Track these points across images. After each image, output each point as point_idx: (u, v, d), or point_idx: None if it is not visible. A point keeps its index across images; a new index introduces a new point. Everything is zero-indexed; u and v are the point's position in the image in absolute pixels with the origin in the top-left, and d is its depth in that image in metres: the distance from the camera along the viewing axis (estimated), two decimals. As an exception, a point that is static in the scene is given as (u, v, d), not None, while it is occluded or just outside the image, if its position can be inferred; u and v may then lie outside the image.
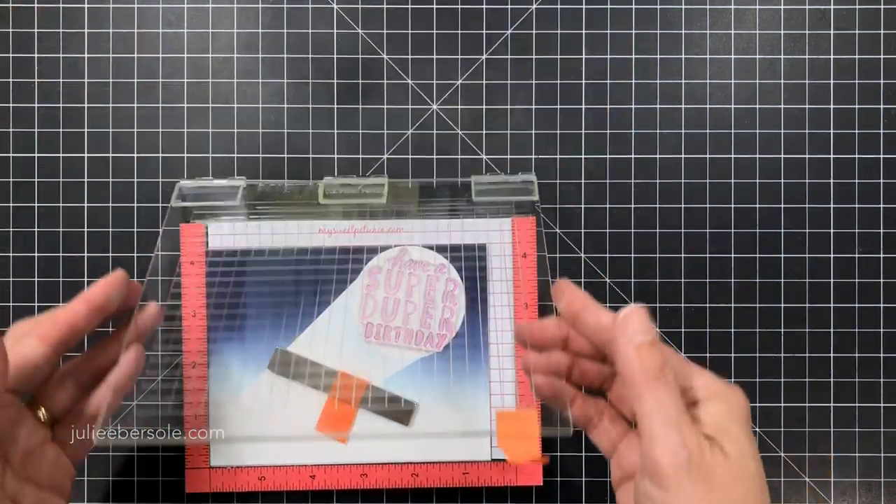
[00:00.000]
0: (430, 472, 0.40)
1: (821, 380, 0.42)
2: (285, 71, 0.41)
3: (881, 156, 0.42)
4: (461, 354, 0.40)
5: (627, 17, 0.42)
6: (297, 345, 0.40)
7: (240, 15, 0.41)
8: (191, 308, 0.40)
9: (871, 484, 0.41)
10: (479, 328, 0.40)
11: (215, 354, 0.40)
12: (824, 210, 0.42)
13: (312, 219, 0.41)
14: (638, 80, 0.42)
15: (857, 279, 0.42)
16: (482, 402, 0.40)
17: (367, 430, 0.40)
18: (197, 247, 0.40)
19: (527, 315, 0.40)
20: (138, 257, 0.41)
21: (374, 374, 0.40)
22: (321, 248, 0.40)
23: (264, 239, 0.40)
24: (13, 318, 0.41)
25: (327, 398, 0.40)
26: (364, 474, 0.40)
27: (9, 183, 0.41)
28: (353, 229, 0.41)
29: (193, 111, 0.41)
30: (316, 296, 0.40)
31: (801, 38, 0.42)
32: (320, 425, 0.40)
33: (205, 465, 0.40)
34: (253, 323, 0.40)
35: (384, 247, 0.41)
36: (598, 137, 0.42)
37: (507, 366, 0.40)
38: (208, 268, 0.40)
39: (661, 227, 0.42)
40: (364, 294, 0.40)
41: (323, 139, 0.41)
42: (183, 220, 0.40)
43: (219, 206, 0.40)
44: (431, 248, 0.41)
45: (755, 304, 0.42)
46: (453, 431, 0.40)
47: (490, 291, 0.40)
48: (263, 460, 0.40)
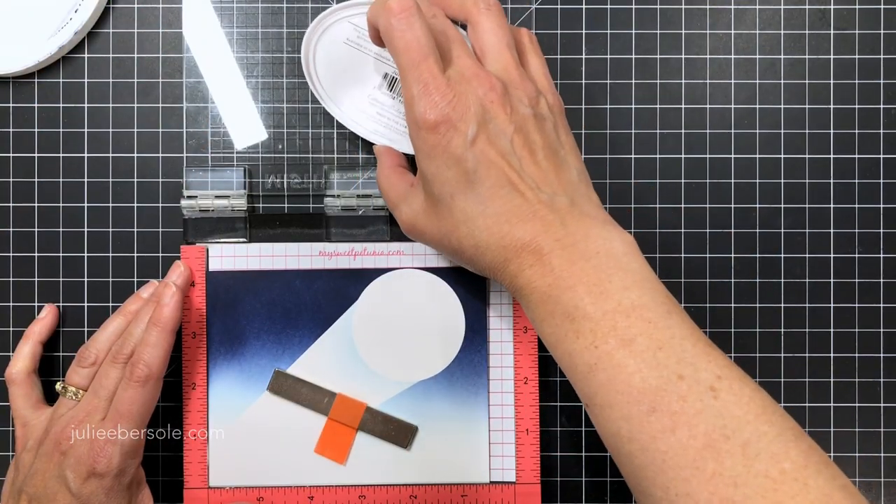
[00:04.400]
0: (428, 494, 0.40)
1: (821, 380, 0.42)
2: (284, 70, 0.41)
3: (881, 156, 0.42)
4: (461, 378, 0.40)
5: (627, 17, 0.42)
6: (296, 367, 0.40)
7: (239, 14, 0.41)
8: (190, 329, 0.40)
9: (871, 484, 0.42)
10: (478, 352, 0.40)
11: (215, 376, 0.40)
12: (824, 210, 0.42)
13: (314, 236, 0.41)
14: (638, 80, 0.42)
15: (857, 279, 0.42)
16: (481, 425, 0.40)
17: (366, 452, 0.40)
18: (198, 268, 0.40)
19: (526, 339, 0.40)
20: (138, 257, 0.41)
21: (373, 397, 0.40)
22: (321, 270, 0.41)
23: (265, 261, 0.40)
24: (13, 319, 0.41)
25: (326, 420, 0.40)
26: (363, 496, 0.40)
27: (9, 183, 0.41)
28: (354, 252, 0.41)
29: (193, 111, 0.41)
30: (316, 318, 0.40)
31: (801, 38, 0.42)
32: (319, 447, 0.40)
33: (203, 486, 0.40)
34: (253, 345, 0.40)
35: (385, 269, 0.41)
36: (598, 137, 0.42)
37: (507, 389, 0.40)
38: (209, 289, 0.40)
39: (662, 228, 0.42)
40: (364, 316, 0.40)
41: (323, 139, 0.41)
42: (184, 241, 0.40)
43: (222, 232, 0.40)
44: (432, 272, 0.41)
45: (755, 304, 0.42)
46: (452, 454, 0.40)
47: (490, 315, 0.41)
48: (262, 481, 0.40)
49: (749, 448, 0.27)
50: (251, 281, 0.40)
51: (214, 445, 0.40)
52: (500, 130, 0.32)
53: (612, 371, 0.29)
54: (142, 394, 0.35)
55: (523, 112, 0.32)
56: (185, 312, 0.40)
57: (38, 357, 0.40)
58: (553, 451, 0.42)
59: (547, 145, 0.33)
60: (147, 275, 0.41)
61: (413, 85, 0.32)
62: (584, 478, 0.42)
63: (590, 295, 0.30)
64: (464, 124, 0.31)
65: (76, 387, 0.37)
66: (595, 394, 0.29)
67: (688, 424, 0.27)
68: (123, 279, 0.41)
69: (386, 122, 0.40)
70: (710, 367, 0.28)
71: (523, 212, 0.31)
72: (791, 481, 0.26)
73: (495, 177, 0.31)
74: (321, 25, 0.39)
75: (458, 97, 0.32)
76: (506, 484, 0.40)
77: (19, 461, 0.37)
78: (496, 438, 0.40)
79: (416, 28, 0.32)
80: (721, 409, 0.28)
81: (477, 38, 0.34)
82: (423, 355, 0.40)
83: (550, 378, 0.42)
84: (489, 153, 0.31)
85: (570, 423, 0.42)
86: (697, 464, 0.27)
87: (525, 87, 0.33)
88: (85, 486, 0.34)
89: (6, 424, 0.41)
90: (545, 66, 0.36)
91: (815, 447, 0.28)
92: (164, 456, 0.41)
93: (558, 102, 0.35)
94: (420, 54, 0.32)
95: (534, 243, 0.31)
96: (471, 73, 0.32)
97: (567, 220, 0.31)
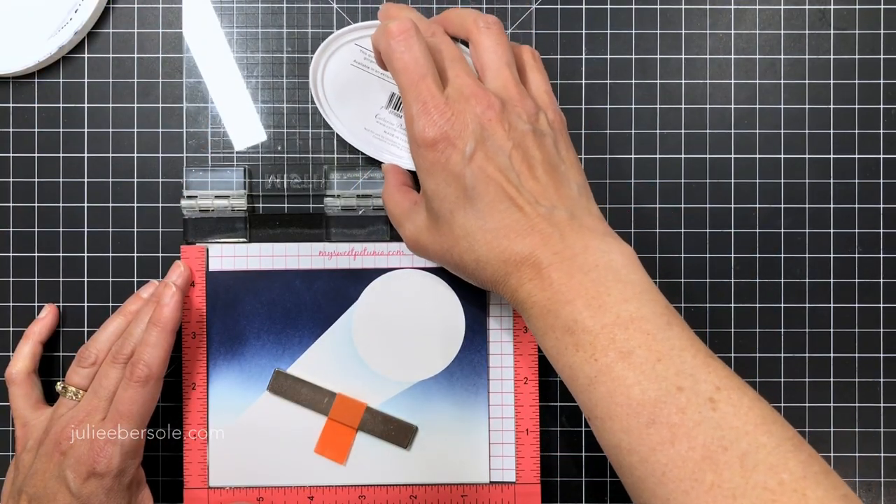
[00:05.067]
0: (428, 494, 0.40)
1: (821, 380, 0.42)
2: (284, 70, 0.41)
3: (881, 156, 0.42)
4: (461, 378, 0.40)
5: (627, 17, 0.42)
6: (296, 367, 0.40)
7: (239, 14, 0.41)
8: (190, 329, 0.40)
9: (871, 484, 0.42)
10: (478, 352, 0.40)
11: (215, 376, 0.40)
12: (824, 210, 0.42)
13: (314, 236, 0.41)
14: (638, 80, 0.42)
15: (857, 279, 0.42)
16: (481, 425, 0.40)
17: (366, 452, 0.40)
18: (198, 268, 0.40)
19: (526, 339, 0.40)
20: (138, 257, 0.41)
21: (373, 397, 0.40)
22: (321, 270, 0.41)
23: (265, 261, 0.40)
24: (14, 319, 0.41)
25: (326, 420, 0.40)
26: (363, 496, 0.40)
27: (9, 183, 0.41)
28: (354, 252, 0.41)
29: (193, 111, 0.41)
30: (316, 318, 0.40)
31: (801, 38, 0.42)
32: (319, 447, 0.40)
33: (203, 486, 0.40)
34: (253, 344, 0.40)
35: (385, 269, 0.41)
36: (598, 137, 0.42)
37: (507, 389, 0.40)
38: (209, 289, 0.40)
39: (661, 228, 0.42)
40: (364, 316, 0.40)
41: (323, 139, 0.41)
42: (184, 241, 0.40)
43: (223, 232, 0.41)
44: (432, 272, 0.41)
45: (755, 304, 0.42)
46: (452, 454, 0.40)
47: (490, 315, 0.40)
48: (262, 481, 0.40)
49: (747, 459, 0.27)
50: (251, 281, 0.40)
51: (214, 445, 0.40)
52: (498, 147, 0.32)
53: (612, 384, 0.29)
54: (142, 394, 0.36)
55: (522, 128, 0.33)
56: (185, 312, 0.40)
57: (39, 357, 0.40)
58: (553, 451, 0.42)
59: (546, 160, 0.33)
60: (147, 275, 0.41)
61: (412, 104, 0.33)
62: (583, 478, 0.42)
63: (588, 308, 0.30)
64: (461, 141, 0.32)
65: (76, 387, 0.37)
66: (595, 406, 0.30)
67: (687, 436, 0.27)
68: (123, 279, 0.41)
69: (392, 140, 0.40)
70: (709, 377, 0.28)
71: (522, 226, 0.31)
72: (790, 492, 0.26)
73: (493, 192, 0.32)
74: (329, 48, 0.39)
75: (456, 115, 0.32)
76: (506, 484, 0.40)
77: (19, 461, 0.37)
78: (496, 438, 0.40)
79: (414, 49, 0.33)
80: (720, 420, 0.28)
81: (477, 57, 0.35)
82: (423, 355, 0.40)
83: (550, 378, 0.42)
84: (487, 169, 0.32)
85: (570, 423, 0.42)
86: (696, 476, 0.27)
87: (524, 103, 0.34)
88: (85, 486, 0.34)
89: (6, 424, 0.41)
90: (547, 82, 0.37)
91: (816, 457, 0.28)
92: (164, 456, 0.41)
93: (559, 118, 0.35)
94: (418, 74, 0.33)
95: (533, 257, 0.31)
96: (469, 92, 0.33)
97: (566, 233, 0.31)
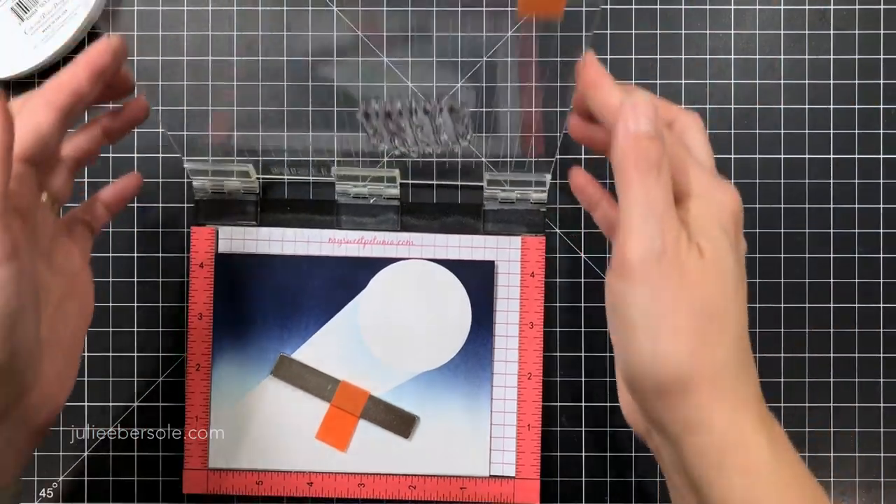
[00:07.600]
0: (427, 485, 0.40)
1: (821, 380, 0.42)
2: (285, 73, 0.41)
3: (881, 156, 0.42)
4: (465, 370, 0.40)
5: (627, 17, 0.42)
6: (301, 352, 0.40)
7: (239, 17, 0.41)
8: (197, 310, 0.40)
9: (870, 484, 0.42)
10: (483, 345, 0.40)
11: (219, 358, 0.40)
12: (824, 210, 0.42)
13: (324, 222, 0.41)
14: (638, 80, 0.42)
15: (857, 279, 0.42)
16: (483, 418, 0.40)
17: (367, 440, 0.40)
18: (207, 249, 0.40)
19: (531, 335, 0.40)
20: (138, 257, 0.41)
21: (376, 386, 0.40)
22: (330, 257, 0.41)
23: (274, 245, 0.40)
24: (14, 319, 0.41)
25: (329, 407, 0.40)
26: (362, 484, 0.40)
27: (9, 184, 0.41)
28: (363, 240, 0.41)
29: (193, 113, 0.41)
30: (322, 305, 0.40)
31: (801, 38, 0.42)
32: (321, 434, 0.40)
33: (203, 467, 0.40)
34: (258, 328, 0.40)
35: (393, 259, 0.41)
36: (598, 138, 0.42)
37: (510, 384, 0.40)
38: (217, 271, 0.40)
39: (661, 228, 0.42)
40: (371, 305, 0.40)
41: (323, 141, 0.41)
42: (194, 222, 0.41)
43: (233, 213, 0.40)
44: (440, 263, 0.41)
45: (755, 305, 0.42)
46: (453, 446, 0.40)
47: (496, 309, 0.41)
48: (262, 465, 0.40)
49: None
50: (259, 265, 0.40)
51: (215, 427, 0.40)
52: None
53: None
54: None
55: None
56: (192, 293, 0.40)
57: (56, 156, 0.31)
58: (553, 450, 0.42)
59: None
60: (147, 275, 0.41)
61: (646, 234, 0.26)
62: (583, 478, 0.42)
63: None
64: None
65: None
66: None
67: None
68: (123, 279, 0.41)
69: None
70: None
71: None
72: None
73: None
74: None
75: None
76: (505, 478, 0.40)
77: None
78: (497, 433, 0.40)
79: (663, 181, 0.26)
80: None
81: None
82: (428, 346, 0.40)
83: (552, 378, 0.42)
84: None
85: (570, 423, 0.42)
86: None
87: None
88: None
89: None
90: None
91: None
92: (164, 456, 0.41)
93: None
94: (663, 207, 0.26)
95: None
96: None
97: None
